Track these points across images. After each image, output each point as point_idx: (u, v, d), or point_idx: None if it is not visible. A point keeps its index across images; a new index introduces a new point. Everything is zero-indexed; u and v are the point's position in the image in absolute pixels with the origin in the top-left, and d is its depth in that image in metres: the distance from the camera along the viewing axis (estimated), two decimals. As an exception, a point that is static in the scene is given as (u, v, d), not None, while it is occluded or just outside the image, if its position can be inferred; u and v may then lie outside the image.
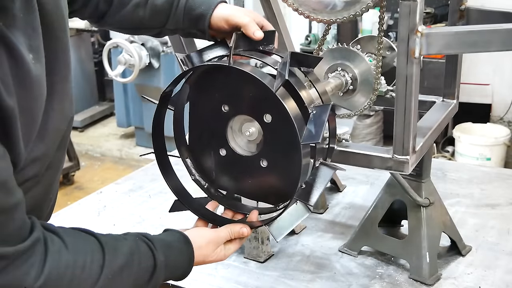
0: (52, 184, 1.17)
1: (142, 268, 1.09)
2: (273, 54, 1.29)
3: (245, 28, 1.28)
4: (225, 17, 1.32)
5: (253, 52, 1.28)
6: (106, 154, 5.62)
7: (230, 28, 1.31)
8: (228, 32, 1.32)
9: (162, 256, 1.12)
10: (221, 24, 1.32)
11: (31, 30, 0.98)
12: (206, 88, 1.29)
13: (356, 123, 4.91)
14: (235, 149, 1.29)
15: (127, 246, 1.08)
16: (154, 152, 1.33)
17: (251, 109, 1.24)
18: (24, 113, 0.94)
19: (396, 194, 1.64)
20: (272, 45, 1.31)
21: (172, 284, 1.57)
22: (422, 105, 1.63)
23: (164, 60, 4.78)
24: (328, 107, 1.17)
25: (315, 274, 1.62)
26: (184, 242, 1.18)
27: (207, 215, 1.32)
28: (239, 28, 1.29)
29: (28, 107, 0.95)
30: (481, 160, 4.49)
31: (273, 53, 1.30)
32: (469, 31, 1.25)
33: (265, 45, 1.30)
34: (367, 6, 1.36)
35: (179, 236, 1.19)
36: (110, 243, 1.05)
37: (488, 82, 4.96)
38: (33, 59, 0.96)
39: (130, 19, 1.41)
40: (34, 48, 0.98)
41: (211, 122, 1.30)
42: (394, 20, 4.72)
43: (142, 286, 1.11)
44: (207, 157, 1.34)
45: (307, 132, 1.14)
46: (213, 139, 1.31)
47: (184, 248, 1.18)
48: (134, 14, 1.39)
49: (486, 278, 1.58)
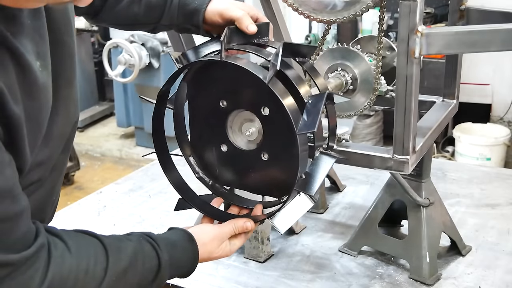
0: (55, 186, 1.17)
1: (146, 269, 1.09)
2: (268, 46, 1.30)
3: (239, 22, 1.28)
4: (219, 11, 1.31)
5: (247, 46, 1.27)
6: (106, 154, 5.62)
7: (225, 22, 1.31)
8: (222, 26, 1.30)
9: (167, 255, 1.12)
10: (215, 18, 1.32)
11: (38, 37, 0.98)
12: (204, 84, 1.29)
13: (356, 123, 4.91)
14: (235, 144, 1.29)
15: (131, 247, 1.07)
16: (155, 152, 1.34)
17: (249, 103, 1.24)
18: (30, 120, 0.94)
19: (396, 194, 1.64)
20: (266, 37, 1.31)
21: (172, 284, 1.57)
22: (422, 105, 1.63)
23: (164, 60, 4.78)
24: (323, 96, 1.17)
25: (315, 274, 1.62)
26: (188, 240, 1.18)
27: (211, 212, 1.32)
28: (233, 22, 1.29)
29: (34, 115, 0.96)
30: (481, 160, 4.49)
31: (267, 45, 1.30)
32: (469, 31, 1.25)
33: (259, 38, 1.30)
34: (367, 6, 1.36)
35: (183, 234, 1.19)
36: (113, 245, 1.05)
37: (488, 82, 4.96)
38: (40, 67, 0.97)
39: (125, 15, 1.41)
40: (41, 55, 0.98)
41: (211, 119, 1.30)
42: (394, 20, 4.72)
43: (146, 286, 1.10)
44: (210, 154, 1.34)
45: (303, 122, 1.14)
46: (214, 136, 1.31)
47: (189, 246, 1.18)
48: (129, 10, 1.40)
49: (486, 278, 1.58)
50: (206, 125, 1.32)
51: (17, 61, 0.91)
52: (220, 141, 1.31)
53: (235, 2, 1.33)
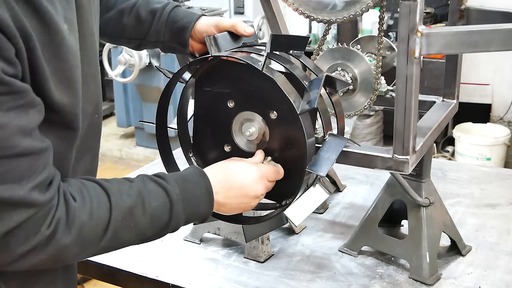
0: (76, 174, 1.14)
1: (156, 207, 1.04)
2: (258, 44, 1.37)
3: (236, 27, 1.37)
4: (214, 23, 1.39)
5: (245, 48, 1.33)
6: (106, 154, 5.62)
7: (219, 33, 1.38)
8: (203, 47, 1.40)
9: (177, 189, 1.07)
10: (210, 30, 1.38)
11: (66, 2, 0.98)
12: (213, 83, 1.30)
13: (356, 123, 4.91)
14: (239, 145, 1.30)
15: (134, 187, 1.04)
16: (158, 149, 1.35)
17: (257, 105, 1.25)
18: (61, 82, 0.95)
19: (396, 194, 1.64)
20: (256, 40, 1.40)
21: (172, 284, 1.58)
22: (422, 105, 1.63)
23: (164, 60, 4.78)
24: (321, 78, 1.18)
25: (315, 274, 1.62)
26: (200, 175, 1.13)
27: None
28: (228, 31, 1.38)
29: (65, 77, 0.96)
30: (481, 160, 4.49)
31: (257, 44, 1.38)
32: (469, 31, 1.25)
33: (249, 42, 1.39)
34: (367, 6, 1.37)
35: (193, 170, 1.15)
36: (113, 187, 1.02)
37: (488, 82, 4.96)
38: (68, 30, 0.96)
39: (113, 25, 1.43)
40: (68, 20, 0.98)
41: (216, 118, 1.31)
42: (394, 20, 4.73)
43: (163, 228, 1.07)
44: (212, 154, 1.34)
45: (303, 102, 1.16)
46: (218, 135, 1.32)
47: (200, 180, 1.12)
48: (118, 21, 1.42)
49: (486, 278, 1.58)
50: (211, 124, 1.33)
51: (42, 19, 0.91)
52: (224, 141, 1.31)
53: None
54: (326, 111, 1.28)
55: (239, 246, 1.74)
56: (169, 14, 1.41)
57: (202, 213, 1.12)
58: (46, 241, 0.93)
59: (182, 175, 1.12)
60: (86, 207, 0.97)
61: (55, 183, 0.95)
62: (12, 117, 0.87)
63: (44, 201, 0.92)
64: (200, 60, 1.27)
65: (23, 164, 0.90)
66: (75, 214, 0.96)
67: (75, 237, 0.95)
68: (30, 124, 0.90)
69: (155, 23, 1.41)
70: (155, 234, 1.07)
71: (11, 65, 0.87)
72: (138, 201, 1.03)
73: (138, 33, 1.44)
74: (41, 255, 0.94)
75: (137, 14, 1.41)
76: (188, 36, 1.39)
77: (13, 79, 0.87)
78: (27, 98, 0.89)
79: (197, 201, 1.10)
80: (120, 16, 1.42)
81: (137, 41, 1.46)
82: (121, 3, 1.44)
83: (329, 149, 1.22)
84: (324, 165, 1.18)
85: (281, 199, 1.29)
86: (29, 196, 0.90)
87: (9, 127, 0.87)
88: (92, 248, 1.00)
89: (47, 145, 0.95)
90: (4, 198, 0.88)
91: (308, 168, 1.18)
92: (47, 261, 0.96)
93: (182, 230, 1.21)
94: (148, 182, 1.07)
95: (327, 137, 1.26)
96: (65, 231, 0.94)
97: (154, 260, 1.69)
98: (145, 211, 1.03)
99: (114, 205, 1.00)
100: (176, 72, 1.28)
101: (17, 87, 0.87)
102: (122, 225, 1.01)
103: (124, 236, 1.02)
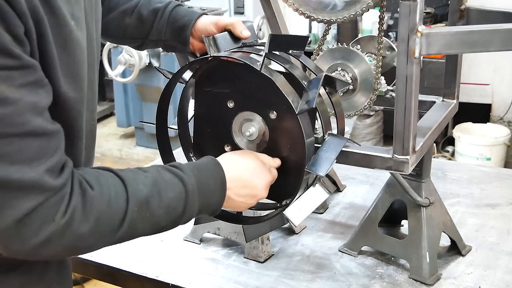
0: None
1: (171, 198, 1.03)
2: (257, 44, 1.37)
3: (234, 28, 1.37)
4: (214, 21, 1.39)
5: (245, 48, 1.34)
6: (106, 154, 5.62)
7: (219, 31, 1.39)
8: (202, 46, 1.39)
9: (194, 179, 1.06)
10: (210, 28, 1.38)
11: (74, 1, 0.97)
12: (214, 83, 1.30)
13: (356, 123, 4.91)
14: (239, 145, 1.30)
15: (149, 177, 1.02)
16: (158, 149, 1.35)
17: (257, 105, 1.25)
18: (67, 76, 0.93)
19: (396, 194, 1.64)
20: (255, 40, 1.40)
21: (172, 284, 1.58)
22: (422, 105, 1.63)
23: (164, 60, 4.78)
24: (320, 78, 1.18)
25: (315, 274, 1.62)
26: (214, 164, 1.13)
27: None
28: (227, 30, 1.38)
29: (71, 71, 0.94)
30: (481, 160, 4.49)
31: (257, 44, 1.37)
32: (469, 31, 1.25)
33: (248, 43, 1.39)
34: (367, 6, 1.37)
35: (208, 159, 1.14)
36: (129, 176, 1.00)
37: (488, 82, 4.96)
38: (75, 26, 0.95)
39: (115, 25, 1.44)
40: (76, 18, 0.96)
41: (217, 118, 1.31)
42: (394, 20, 4.73)
43: (177, 218, 1.05)
44: (212, 154, 1.34)
45: (302, 102, 1.16)
46: (218, 135, 1.32)
47: (214, 169, 1.12)
48: (120, 21, 1.43)
49: (486, 278, 1.58)
50: (211, 124, 1.33)
51: (52, 9, 0.89)
52: (224, 141, 1.31)
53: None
54: (325, 111, 1.28)
55: (239, 246, 1.74)
56: (170, 13, 1.41)
57: (213, 204, 1.12)
58: (62, 230, 0.89)
59: (197, 164, 1.11)
60: (104, 195, 0.94)
61: (67, 170, 0.91)
62: (24, 93, 0.84)
63: (56, 186, 0.88)
64: (199, 60, 1.27)
65: (34, 145, 0.85)
66: (93, 202, 0.92)
67: (92, 226, 0.92)
68: (41, 103, 0.87)
69: (157, 22, 1.41)
70: (169, 224, 1.05)
71: (20, 43, 0.84)
72: (154, 191, 1.00)
73: (140, 33, 1.44)
74: (58, 246, 0.90)
75: (139, 14, 1.42)
76: (189, 34, 1.39)
77: (22, 53, 0.84)
78: (36, 75, 0.86)
79: (210, 192, 1.10)
80: (123, 16, 1.43)
81: (139, 40, 1.47)
82: (123, 4, 1.45)
83: (328, 149, 1.22)
84: (324, 165, 1.18)
85: (281, 199, 1.29)
86: (41, 179, 0.85)
87: (21, 103, 0.83)
88: (108, 238, 0.96)
89: (58, 128, 0.91)
90: (14, 180, 0.83)
91: (308, 168, 1.18)
92: (62, 252, 0.93)
93: (182, 230, 1.21)
94: (164, 172, 1.05)
95: (326, 137, 1.26)
96: (82, 219, 0.91)
97: (154, 260, 1.69)
98: (162, 202, 1.01)
99: (131, 195, 0.97)
100: (176, 72, 1.28)
101: (27, 61, 0.84)
102: (138, 216, 0.98)
103: (139, 227, 1.00)
